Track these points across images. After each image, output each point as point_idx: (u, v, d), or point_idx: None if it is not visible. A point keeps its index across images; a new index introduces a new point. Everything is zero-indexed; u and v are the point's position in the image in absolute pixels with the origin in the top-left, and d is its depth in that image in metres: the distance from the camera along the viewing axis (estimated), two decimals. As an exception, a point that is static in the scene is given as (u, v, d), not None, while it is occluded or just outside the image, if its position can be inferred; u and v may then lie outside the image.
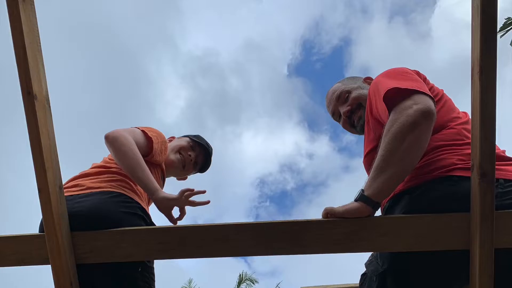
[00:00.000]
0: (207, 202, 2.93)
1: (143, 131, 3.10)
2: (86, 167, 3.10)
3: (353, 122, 3.06)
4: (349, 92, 3.05)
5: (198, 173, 3.70)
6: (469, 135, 2.36)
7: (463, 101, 2.51)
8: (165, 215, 2.86)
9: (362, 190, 2.34)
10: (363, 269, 2.68)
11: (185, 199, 2.84)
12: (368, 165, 2.66)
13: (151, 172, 2.91)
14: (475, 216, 2.20)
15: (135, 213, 2.76)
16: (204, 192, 2.92)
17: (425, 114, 2.26)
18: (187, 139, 3.55)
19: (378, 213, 2.42)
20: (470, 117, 2.33)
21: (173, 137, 3.62)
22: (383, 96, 2.41)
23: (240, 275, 25.92)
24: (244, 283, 25.61)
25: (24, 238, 2.52)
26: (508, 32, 11.19)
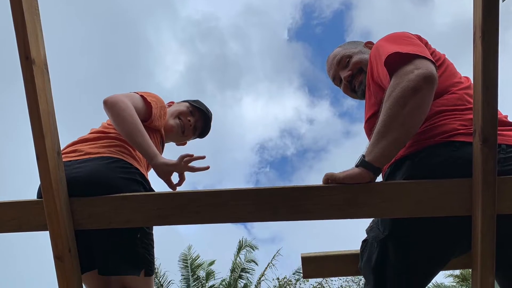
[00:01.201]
0: (207, 168, 2.96)
1: (142, 96, 3.12)
2: (84, 133, 3.11)
3: (354, 87, 3.08)
4: (350, 56, 3.08)
5: (198, 139, 3.73)
6: (471, 100, 2.39)
7: (465, 66, 2.54)
8: (164, 180, 2.90)
9: (363, 156, 2.37)
10: (364, 236, 2.73)
11: (184, 164, 2.87)
12: (369, 130, 2.70)
13: (150, 137, 2.93)
14: (477, 182, 2.24)
15: (134, 178, 2.80)
16: (203, 157, 2.94)
17: (427, 79, 2.29)
18: (187, 104, 3.57)
19: (379, 179, 2.46)
20: (472, 82, 2.35)
21: (172, 102, 3.64)
22: (384, 61, 2.43)
23: (240, 241, 26.00)
24: (244, 250, 25.70)
25: (22, 204, 2.56)
26: (510, -4, 11.05)
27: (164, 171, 2.85)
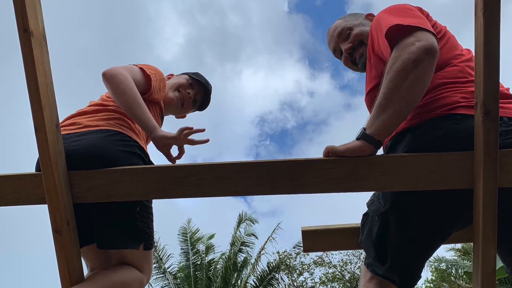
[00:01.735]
0: (206, 141, 2.97)
1: (141, 68, 3.11)
2: (83, 105, 3.11)
3: (354, 60, 3.09)
4: (350, 29, 3.07)
5: (197, 111, 3.74)
6: (473, 73, 2.40)
7: (466, 38, 2.55)
8: (163, 153, 2.90)
9: (364, 129, 2.38)
10: (365, 209, 2.76)
11: (184, 137, 2.87)
12: (370, 103, 2.71)
13: (149, 110, 2.94)
14: (478, 155, 2.25)
15: (133, 151, 2.80)
16: (203, 130, 2.93)
17: (428, 51, 2.29)
18: (186, 76, 3.57)
19: (380, 152, 2.47)
20: (473, 55, 2.36)
21: (172, 75, 3.64)
22: (385, 33, 2.43)
23: (239, 214, 26.08)
24: (244, 223, 25.79)
25: (21, 177, 2.57)
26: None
27: (164, 144, 2.85)
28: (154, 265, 22.80)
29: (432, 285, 33.22)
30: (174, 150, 2.94)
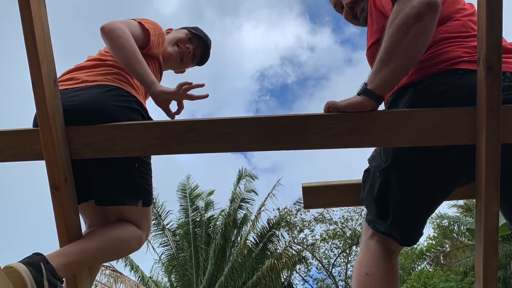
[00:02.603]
0: (206, 96, 2.96)
1: (139, 23, 3.09)
2: (81, 60, 3.10)
3: (355, 14, 3.08)
4: (351, -18, 3.05)
5: (197, 66, 3.73)
6: (475, 27, 2.39)
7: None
8: (162, 109, 2.90)
9: (365, 84, 2.39)
10: (366, 165, 2.78)
11: (183, 92, 2.86)
12: (371, 58, 2.71)
13: (148, 65, 2.92)
14: (481, 110, 2.26)
15: (132, 107, 2.80)
16: (202, 85, 2.93)
17: (430, 5, 2.27)
18: (185, 31, 3.55)
19: (382, 107, 2.48)
20: (476, 9, 2.36)
21: (171, 29, 3.62)
22: None
23: (239, 171, 26.14)
24: (244, 179, 25.88)
25: (18, 133, 2.58)
26: None
27: (163, 99, 2.86)
28: (153, 221, 22.94)
29: (434, 242, 33.55)
30: (173, 106, 2.95)
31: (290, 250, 25.52)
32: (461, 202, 26.93)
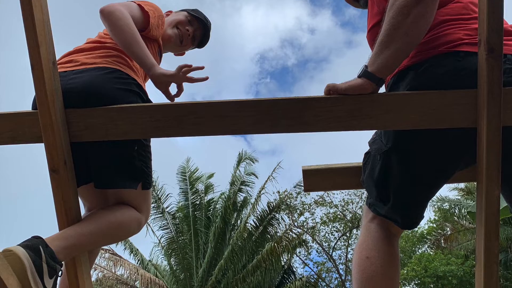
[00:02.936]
0: (206, 78, 2.96)
1: (139, 5, 3.09)
2: (80, 43, 3.10)
3: (356, -4, 3.06)
4: (352, -36, 3.04)
5: (196, 48, 3.73)
6: (476, 9, 2.39)
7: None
8: (162, 91, 2.91)
9: (366, 66, 2.39)
10: (367, 148, 2.78)
11: (182, 75, 2.86)
12: (371, 40, 2.70)
13: (147, 47, 2.93)
14: (482, 93, 2.26)
15: (131, 89, 2.81)
16: (202, 68, 2.93)
17: None
18: (185, 13, 3.55)
19: (382, 90, 2.48)
20: (477, -10, 2.34)
21: (170, 11, 3.62)
22: None
23: (239, 153, 26.19)
24: (244, 162, 25.92)
25: (17, 116, 2.58)
26: None
27: (162, 82, 2.86)
28: (153, 204, 23.02)
29: (435, 225, 33.63)
30: (173, 88, 2.96)
31: (290, 233, 25.61)
32: (462, 185, 26.95)
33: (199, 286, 23.77)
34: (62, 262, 2.46)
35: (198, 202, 25.47)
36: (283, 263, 25.99)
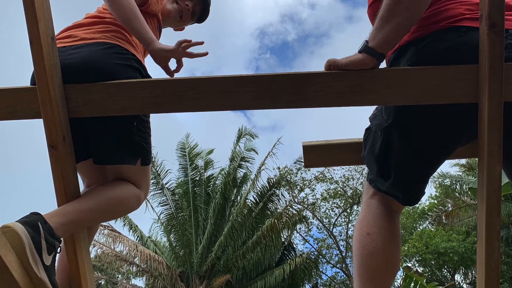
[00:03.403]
0: (205, 54, 2.95)
1: (138, -21, 3.07)
2: (79, 17, 3.08)
3: (357, -30, 3.05)
4: None
5: (196, 24, 3.71)
6: (478, -16, 2.38)
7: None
8: (161, 67, 2.90)
9: (366, 41, 2.39)
10: (367, 124, 2.79)
11: (182, 50, 2.85)
12: (372, 15, 2.67)
13: (147, 22, 2.91)
14: (483, 68, 2.26)
15: (130, 65, 2.80)
16: (202, 43, 2.93)
17: None
18: (185, -13, 3.53)
19: (383, 65, 2.49)
20: (478, -35, 2.33)
21: (170, -14, 3.60)
22: None
23: (239, 129, 26.23)
24: (244, 138, 25.96)
25: (15, 91, 2.58)
26: None
27: (162, 57, 2.85)
28: (152, 181, 23.09)
29: (436, 201, 33.71)
30: (172, 64, 2.95)
31: (291, 209, 25.76)
32: (463, 161, 26.98)
33: (199, 262, 23.94)
34: (61, 239, 2.47)
35: (197, 178, 25.54)
36: (283, 240, 26.16)
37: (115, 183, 2.88)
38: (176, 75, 2.95)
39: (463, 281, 32.30)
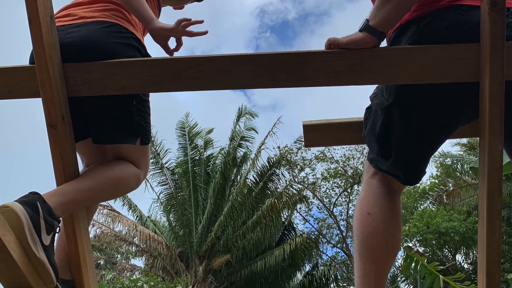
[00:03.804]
0: (205, 33, 2.94)
1: (137, -43, 3.05)
2: (78, -4, 3.05)
3: None
4: None
5: (196, 2, 3.69)
6: (480, -38, 2.38)
7: None
8: (161, 46, 2.88)
9: (367, 20, 2.40)
10: (368, 103, 2.79)
11: (181, 29, 2.83)
12: (373, -7, 2.68)
13: (146, 1, 2.89)
14: (484, 47, 2.27)
15: (130, 43, 2.80)
16: (201, 22, 2.91)
17: None
18: (184, -35, 3.51)
19: (384, 44, 2.49)
20: None
21: (170, -36, 3.58)
22: None
23: (239, 108, 26.22)
24: (244, 117, 25.96)
25: (14, 70, 2.58)
26: None
27: (161, 36, 2.84)
28: (151, 160, 23.10)
29: (437, 181, 33.75)
30: (172, 42, 2.94)
31: (291, 189, 25.83)
32: (464, 140, 27.02)
33: (198, 242, 24.03)
34: (60, 218, 2.48)
35: (197, 158, 25.57)
36: (283, 219, 26.25)
37: (114, 162, 2.89)
38: (176, 54, 2.94)
39: (464, 261, 32.40)
